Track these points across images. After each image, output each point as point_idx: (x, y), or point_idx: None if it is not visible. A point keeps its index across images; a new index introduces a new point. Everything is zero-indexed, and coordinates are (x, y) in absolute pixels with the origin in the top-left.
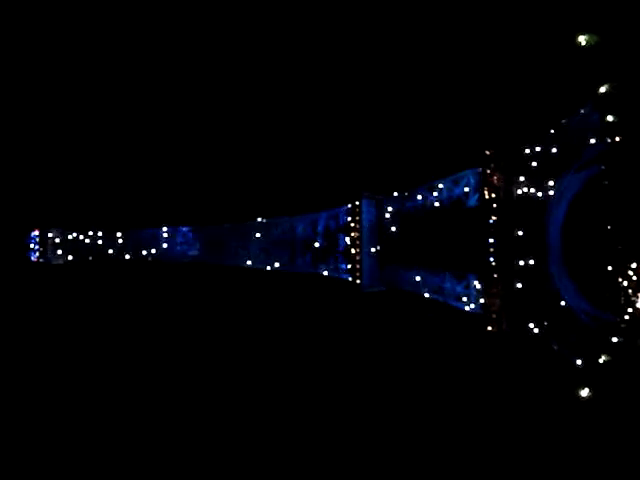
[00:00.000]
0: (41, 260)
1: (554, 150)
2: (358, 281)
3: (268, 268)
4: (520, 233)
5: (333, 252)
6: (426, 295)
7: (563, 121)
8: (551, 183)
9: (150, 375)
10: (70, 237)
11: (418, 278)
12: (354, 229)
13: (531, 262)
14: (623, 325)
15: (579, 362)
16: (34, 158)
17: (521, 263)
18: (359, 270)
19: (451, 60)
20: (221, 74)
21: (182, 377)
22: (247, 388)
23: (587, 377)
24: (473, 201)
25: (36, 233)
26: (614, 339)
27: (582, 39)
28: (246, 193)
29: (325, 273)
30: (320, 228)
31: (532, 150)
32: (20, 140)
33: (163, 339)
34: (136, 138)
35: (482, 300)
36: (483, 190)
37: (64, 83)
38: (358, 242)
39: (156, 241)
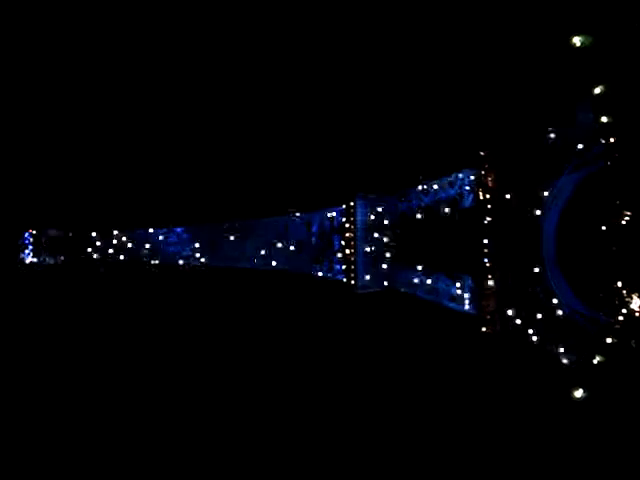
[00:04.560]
0: (34, 260)
1: (549, 151)
2: (353, 282)
3: (262, 269)
4: (515, 234)
5: (328, 253)
6: (421, 296)
7: (558, 122)
8: (546, 184)
9: (144, 375)
10: (63, 237)
11: (413, 279)
12: (348, 230)
13: (526, 263)
14: (617, 326)
15: (573, 363)
16: (28, 157)
17: (515, 264)
18: (354, 271)
19: (446, 61)
20: (213, 77)
21: (176, 378)
22: (241, 389)
23: (581, 378)
24: (468, 202)
25: (30, 233)
26: (608, 340)
27: (577, 40)
28: (240, 194)
29: (320, 274)
30: (315, 229)
31: (527, 151)
32: (14, 140)
33: (157, 340)
34: (128, 139)
35: (477, 301)
36: (478, 191)
37: (57, 86)
38: (352, 243)
39: (150, 242)
